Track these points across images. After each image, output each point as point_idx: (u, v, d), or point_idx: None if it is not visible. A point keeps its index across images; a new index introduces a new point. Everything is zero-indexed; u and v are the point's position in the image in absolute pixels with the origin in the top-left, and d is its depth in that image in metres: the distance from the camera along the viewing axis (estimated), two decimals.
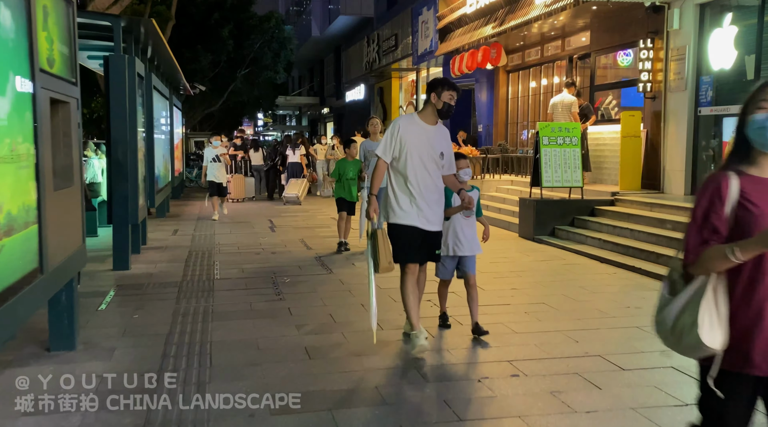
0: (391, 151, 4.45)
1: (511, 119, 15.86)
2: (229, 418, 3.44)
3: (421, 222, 4.42)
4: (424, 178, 4.41)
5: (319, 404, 3.62)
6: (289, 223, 11.79)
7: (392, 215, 4.48)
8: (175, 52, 25.25)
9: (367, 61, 23.63)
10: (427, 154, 4.42)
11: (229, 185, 15.86)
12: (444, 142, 4.62)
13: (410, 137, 4.42)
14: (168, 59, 11.72)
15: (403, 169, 4.43)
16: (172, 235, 10.28)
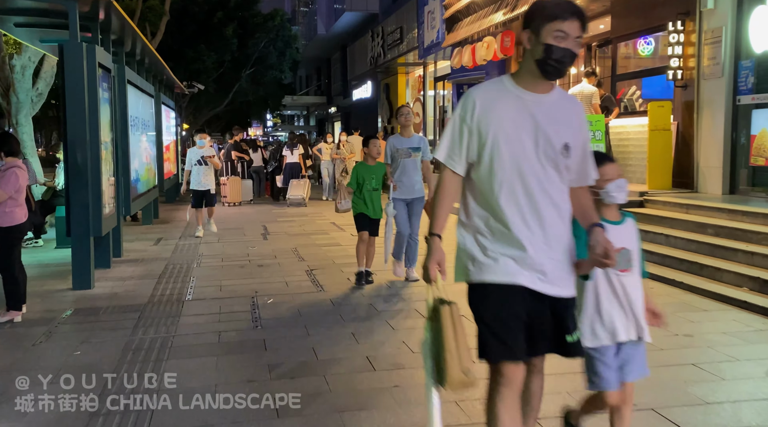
0: (465, 151, 2.47)
1: None
2: None
3: (529, 279, 2.39)
4: (532, 196, 2.40)
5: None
6: (284, 229, 10.84)
7: (472, 267, 2.49)
8: (178, 52, 24.87)
9: (372, 56, 22.66)
10: (534, 150, 2.39)
11: (224, 188, 14.97)
12: (569, 125, 2.44)
13: (500, 121, 2.39)
14: (149, 53, 10.81)
15: (488, 180, 2.43)
16: (153, 245, 9.35)
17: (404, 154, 6.37)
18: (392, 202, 6.37)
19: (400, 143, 6.46)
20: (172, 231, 10.75)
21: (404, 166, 6.37)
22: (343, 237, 9.74)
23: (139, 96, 9.97)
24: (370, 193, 6.46)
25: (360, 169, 6.50)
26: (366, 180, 6.44)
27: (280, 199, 15.99)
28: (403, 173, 6.36)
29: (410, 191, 6.42)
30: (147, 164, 10.60)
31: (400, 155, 6.37)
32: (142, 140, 10.00)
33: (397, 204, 6.41)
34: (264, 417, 3.41)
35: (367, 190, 6.45)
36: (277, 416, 3.44)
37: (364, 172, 6.46)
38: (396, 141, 6.53)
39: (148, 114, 11.07)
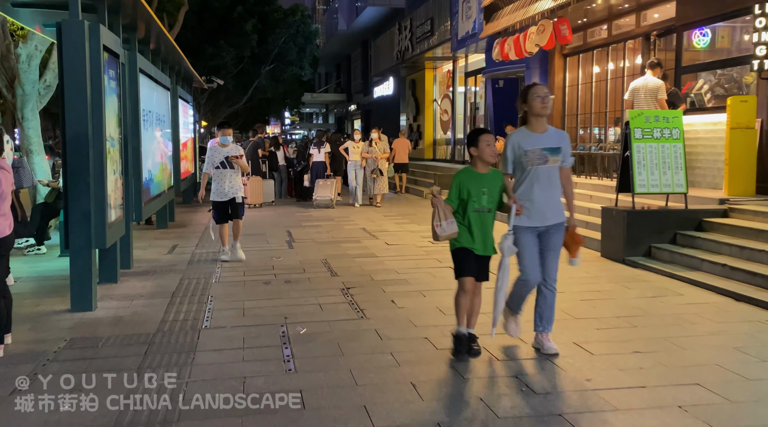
0: None
1: (568, 111, 13.68)
2: None
3: None
4: None
5: None
6: (310, 235, 9.83)
7: None
8: (197, 48, 24.23)
9: (399, 50, 21.60)
10: None
11: (245, 189, 14.00)
12: None
13: None
14: (166, 41, 9.86)
15: None
16: (167, 253, 8.40)
17: (537, 159, 4.24)
18: (512, 232, 4.29)
19: (531, 142, 4.27)
20: (188, 237, 9.80)
21: (536, 177, 4.26)
22: (378, 247, 8.71)
23: (154, 88, 9.02)
24: (480, 217, 4.25)
25: (464, 178, 4.27)
26: (473, 195, 4.21)
27: (307, 199, 15.25)
28: (533, 187, 4.28)
29: (544, 216, 4.31)
30: (162, 163, 9.66)
31: (531, 160, 4.24)
32: (156, 137, 9.05)
33: (523, 235, 4.31)
34: None
35: (474, 210, 4.23)
36: None
37: (470, 182, 4.24)
38: (523, 138, 4.31)
39: (164, 108, 10.13)
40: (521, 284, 4.47)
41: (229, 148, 7.80)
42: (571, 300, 5.72)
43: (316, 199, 14.21)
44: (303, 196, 15.59)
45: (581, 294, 5.97)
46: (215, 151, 7.79)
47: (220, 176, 7.74)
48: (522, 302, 4.58)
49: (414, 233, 9.95)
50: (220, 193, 7.77)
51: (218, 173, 7.75)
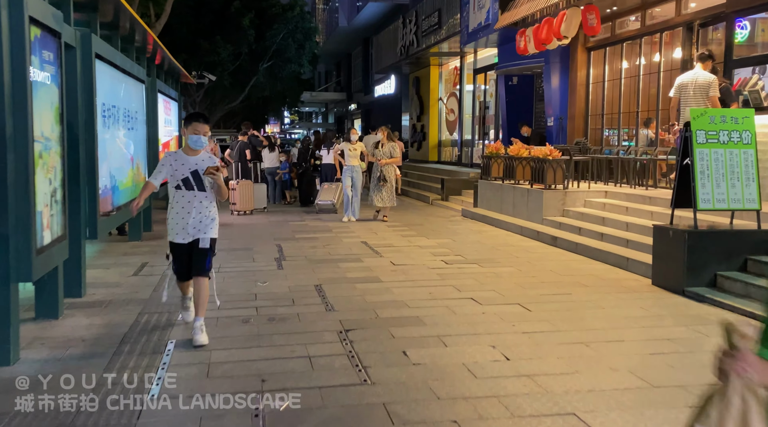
0: None
1: (592, 110, 12.38)
2: None
3: None
4: None
5: None
6: (304, 251, 8.52)
7: None
8: (193, 43, 23.14)
9: (403, 45, 20.28)
10: None
11: (234, 194, 12.72)
12: None
13: None
14: (140, 28, 8.55)
15: None
16: (132, 274, 7.08)
17: None
18: None
19: None
20: (162, 251, 8.46)
21: None
22: (382, 267, 7.40)
23: (120, 79, 7.70)
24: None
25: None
26: None
27: (309, 204, 14.32)
28: None
29: None
30: (132, 167, 8.34)
31: None
32: (121, 136, 7.73)
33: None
34: None
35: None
36: None
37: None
38: None
39: (137, 103, 8.80)
40: None
41: (201, 158, 4.81)
42: (638, 354, 4.41)
43: (318, 203, 13.21)
44: (307, 201, 14.44)
45: (648, 344, 4.65)
46: (175, 160, 4.81)
47: (182, 202, 4.78)
48: None
49: (423, 249, 8.64)
50: (181, 229, 4.81)
51: (180, 197, 4.78)
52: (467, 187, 14.13)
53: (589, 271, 7.12)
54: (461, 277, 6.87)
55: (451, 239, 9.57)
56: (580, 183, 10.44)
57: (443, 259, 7.89)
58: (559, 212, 9.79)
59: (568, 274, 7.00)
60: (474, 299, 5.88)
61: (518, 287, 6.38)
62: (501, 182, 11.52)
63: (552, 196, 9.81)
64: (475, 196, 12.67)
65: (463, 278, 6.78)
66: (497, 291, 6.18)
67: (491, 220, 11.05)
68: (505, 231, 10.25)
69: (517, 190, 10.71)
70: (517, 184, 11.00)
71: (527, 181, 10.97)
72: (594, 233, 8.43)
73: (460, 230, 10.49)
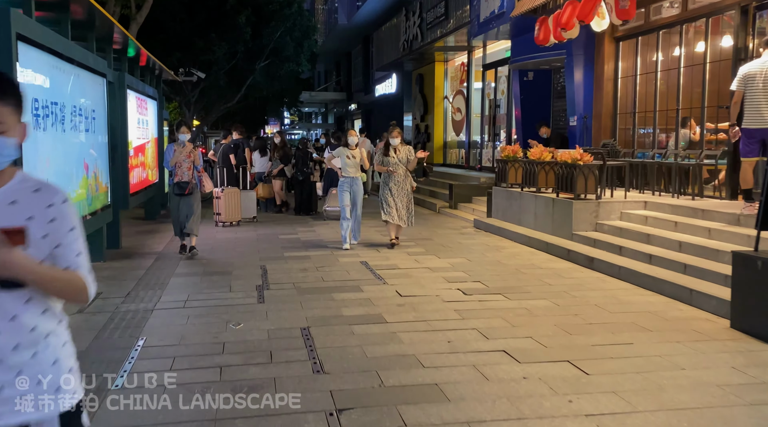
0: None
1: (621, 108, 10.99)
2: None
3: None
4: None
5: None
6: (293, 275, 7.13)
7: None
8: (187, 41, 22.04)
9: (405, 39, 18.89)
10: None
11: (218, 203, 11.36)
12: None
13: None
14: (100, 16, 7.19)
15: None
16: (77, 311, 5.70)
17: None
18: None
19: None
20: (124, 278, 7.10)
21: None
22: (387, 300, 6.01)
23: (66, 71, 6.33)
24: None
25: None
26: None
27: (309, 213, 13.12)
28: None
29: None
30: (86, 175, 6.97)
31: None
32: (69, 138, 6.35)
33: None
34: None
35: None
36: None
37: None
38: None
39: (93, 100, 7.41)
40: None
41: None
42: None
43: (327, 210, 12.20)
44: (303, 209, 13.08)
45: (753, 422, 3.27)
46: None
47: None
48: None
49: (435, 272, 7.25)
50: None
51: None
52: (478, 193, 12.76)
53: (644, 305, 5.74)
54: (485, 315, 5.49)
55: (465, 257, 8.18)
56: (614, 191, 9.05)
57: (460, 287, 6.51)
58: (591, 226, 8.41)
59: (619, 310, 5.62)
60: (507, 351, 4.50)
61: (561, 331, 5.00)
62: (520, 190, 10.14)
63: (583, 207, 8.43)
64: (488, 204, 11.29)
65: (488, 317, 5.40)
66: (535, 338, 4.80)
67: (509, 233, 9.67)
68: (527, 247, 8.86)
69: (540, 199, 9.33)
70: (540, 192, 9.62)
71: (551, 188, 9.61)
72: (639, 254, 7.04)
73: (474, 247, 9.10)
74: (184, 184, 8.03)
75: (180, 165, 8.00)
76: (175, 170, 8.06)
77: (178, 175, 8.03)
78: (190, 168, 8.03)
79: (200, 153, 8.54)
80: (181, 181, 8.04)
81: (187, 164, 8.02)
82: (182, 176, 8.02)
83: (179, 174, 8.02)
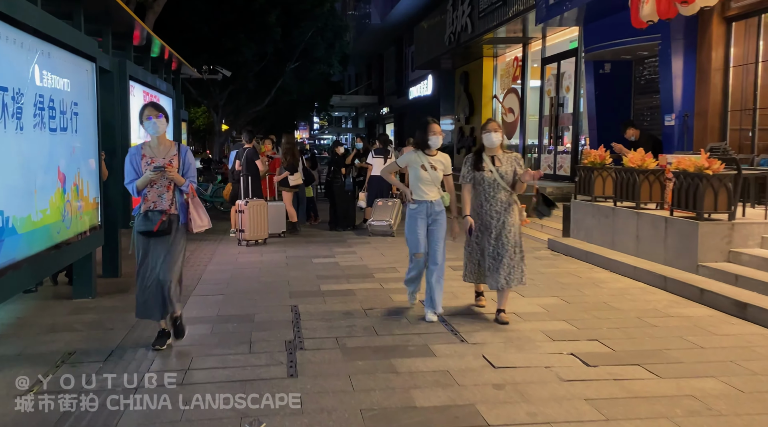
0: None
1: (732, 104, 8.92)
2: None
3: None
4: None
5: None
6: (334, 324, 5.27)
7: None
8: (215, 42, 21.24)
9: (452, 32, 16.97)
10: None
11: (242, 218, 9.59)
12: None
13: None
14: None
15: None
16: (27, 391, 3.90)
17: None
18: None
19: None
20: (113, 323, 5.32)
21: None
22: (476, 377, 4.09)
23: (31, 47, 4.58)
24: None
25: None
26: None
27: (347, 228, 11.39)
28: None
29: None
30: (62, 188, 5.22)
31: None
32: (33, 138, 4.57)
33: None
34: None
35: None
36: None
37: None
38: None
39: (76, 90, 5.66)
40: None
41: None
42: None
43: (372, 224, 10.46)
44: (340, 223, 11.28)
45: None
46: None
47: None
48: None
49: (528, 321, 5.31)
50: None
51: None
52: None
53: None
54: (635, 408, 3.56)
55: (560, 297, 6.23)
56: (745, 209, 7.02)
57: (575, 351, 4.57)
58: (722, 255, 6.40)
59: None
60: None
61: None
62: (612, 204, 8.15)
63: (711, 230, 6.42)
64: (565, 221, 9.31)
65: (646, 416, 3.46)
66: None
67: (600, 260, 7.67)
68: (634, 281, 6.86)
69: (645, 218, 7.33)
70: (641, 208, 7.63)
71: (655, 204, 7.61)
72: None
73: (563, 279, 7.13)
74: (155, 215, 4.50)
75: (151, 184, 4.54)
76: (145, 192, 4.58)
77: (149, 200, 4.55)
78: (170, 188, 4.55)
79: (188, 163, 4.64)
80: (151, 210, 4.53)
81: (164, 182, 4.54)
82: (155, 201, 4.54)
83: (150, 198, 4.55)
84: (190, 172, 4.63)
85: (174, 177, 4.50)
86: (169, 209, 4.53)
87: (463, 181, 5.41)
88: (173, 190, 4.56)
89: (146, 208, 4.53)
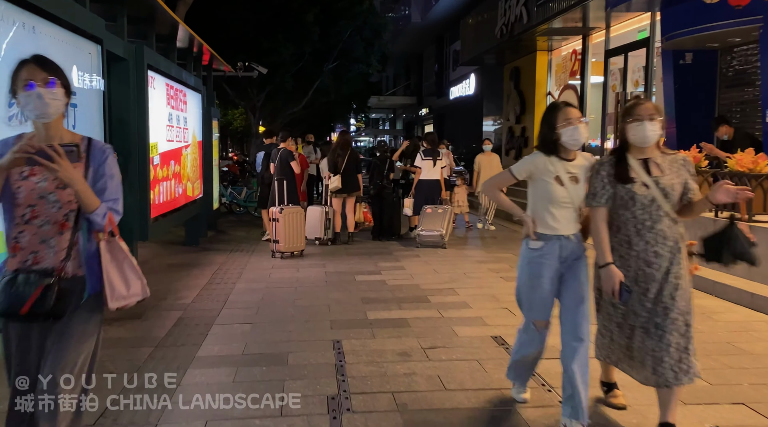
0: None
1: None
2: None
3: None
4: None
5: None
6: (388, 371, 4.14)
7: None
8: (253, 42, 20.70)
9: (504, 23, 15.72)
10: None
11: (276, 228, 8.56)
12: None
13: None
14: None
15: None
16: None
17: None
18: None
19: None
20: (117, 361, 4.29)
21: None
22: None
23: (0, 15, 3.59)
24: None
25: None
26: None
27: (391, 238, 10.22)
28: None
29: None
30: None
31: None
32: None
33: None
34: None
35: None
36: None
37: None
38: None
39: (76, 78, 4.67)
40: None
41: None
42: None
43: (421, 234, 9.29)
44: (385, 233, 10.19)
45: None
46: None
47: None
48: None
49: None
50: None
51: None
52: None
53: None
54: None
55: None
56: None
57: (720, 423, 3.34)
58: None
59: None
60: None
61: None
62: (713, 216, 6.82)
63: None
64: None
65: None
66: None
67: (704, 283, 6.35)
68: (751, 310, 5.57)
69: (760, 233, 6.00)
70: (756, 221, 6.31)
71: None
72: None
73: None
74: (31, 279, 2.23)
75: (28, 217, 2.31)
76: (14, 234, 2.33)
77: (22, 248, 2.30)
78: (66, 225, 2.31)
79: (107, 174, 2.44)
80: (25, 268, 2.28)
81: (51, 210, 2.31)
82: (36, 252, 2.30)
83: (24, 243, 2.30)
84: (110, 190, 2.38)
85: (73, 183, 2.23)
86: (61, 268, 2.26)
87: (594, 204, 3.20)
88: (73, 227, 2.31)
89: (17, 266, 2.29)
